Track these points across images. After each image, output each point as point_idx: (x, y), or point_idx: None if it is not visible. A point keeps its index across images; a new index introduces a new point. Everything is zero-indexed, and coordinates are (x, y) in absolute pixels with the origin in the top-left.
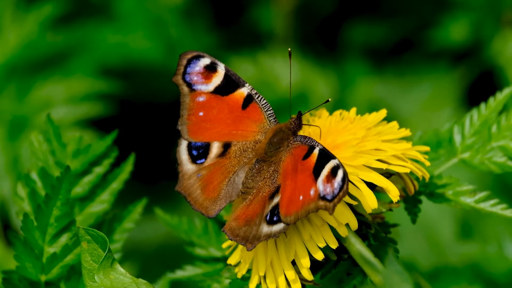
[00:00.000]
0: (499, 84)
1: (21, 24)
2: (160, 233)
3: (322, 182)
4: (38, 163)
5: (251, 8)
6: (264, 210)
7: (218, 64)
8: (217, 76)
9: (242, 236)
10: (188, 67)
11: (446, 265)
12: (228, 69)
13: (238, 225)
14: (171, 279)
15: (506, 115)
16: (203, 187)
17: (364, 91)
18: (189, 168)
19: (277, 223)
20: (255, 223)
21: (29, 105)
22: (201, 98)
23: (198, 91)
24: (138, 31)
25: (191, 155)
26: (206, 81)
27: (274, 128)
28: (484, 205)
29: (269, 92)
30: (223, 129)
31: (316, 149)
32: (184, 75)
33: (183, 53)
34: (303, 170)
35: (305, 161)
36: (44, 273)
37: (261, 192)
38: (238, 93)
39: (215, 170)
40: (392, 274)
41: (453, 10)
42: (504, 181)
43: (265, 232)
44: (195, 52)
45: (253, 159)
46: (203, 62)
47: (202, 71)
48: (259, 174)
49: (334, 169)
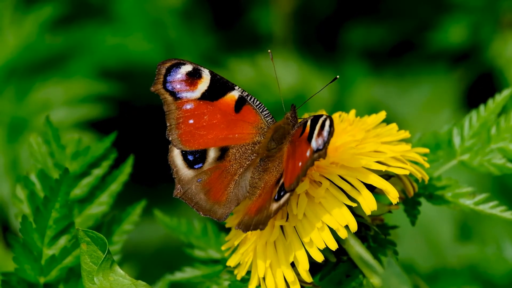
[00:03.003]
0: (498, 85)
1: (20, 26)
2: (159, 235)
3: (315, 140)
4: (37, 165)
5: (250, 10)
6: (272, 195)
7: (202, 70)
8: (203, 82)
9: (254, 224)
10: (168, 75)
11: (445, 266)
12: (214, 74)
13: (250, 217)
14: (170, 281)
15: (505, 117)
16: (206, 191)
17: (363, 93)
18: (187, 173)
19: (284, 195)
20: (266, 207)
21: (28, 107)
22: (189, 106)
23: (184, 99)
24: (137, 33)
25: (186, 160)
26: (191, 88)
27: (273, 127)
28: (484, 207)
29: (268, 94)
30: (218, 134)
31: (308, 121)
32: (165, 84)
33: (161, 62)
34: (300, 144)
35: (300, 137)
36: (43, 275)
37: (268, 184)
38: (229, 96)
39: (217, 173)
40: (391, 276)
41: (452, 12)
42: (503, 183)
43: (275, 208)
44: (175, 60)
45: (257, 158)
46: (184, 70)
47: (185, 79)
48: (266, 171)
49: (322, 123)
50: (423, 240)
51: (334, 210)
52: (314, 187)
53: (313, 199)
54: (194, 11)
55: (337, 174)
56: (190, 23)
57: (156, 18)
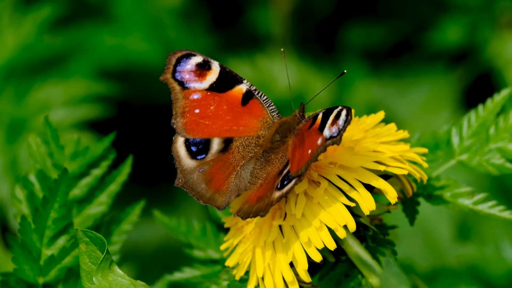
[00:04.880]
0: (497, 85)
1: (19, 26)
2: (159, 235)
3: (328, 129)
4: (36, 165)
5: (249, 10)
6: (274, 185)
7: (212, 62)
8: (212, 73)
9: (255, 211)
10: (178, 65)
11: (444, 266)
12: (223, 66)
13: (250, 205)
14: (169, 281)
15: (504, 117)
16: (208, 181)
17: (362, 93)
18: (190, 163)
19: (288, 184)
20: (267, 196)
21: (27, 107)
22: (196, 96)
23: (191, 89)
24: (136, 33)
25: (190, 151)
26: (200, 79)
27: (278, 121)
28: (482, 207)
29: (267, 94)
30: (223, 125)
31: (320, 114)
32: (174, 74)
33: (172, 52)
34: (309, 135)
35: (311, 128)
36: (42, 275)
37: (270, 175)
38: (237, 89)
39: (219, 164)
40: (390, 276)
41: (450, 12)
42: (502, 183)
43: (277, 195)
44: (185, 51)
45: (260, 151)
46: (194, 60)
47: (194, 69)
48: (267, 163)
49: (337, 113)
50: (422, 240)
51: (332, 210)
52: (312, 187)
53: (311, 199)
54: (193, 11)
55: (335, 174)
56: (189, 23)
57: (155, 18)
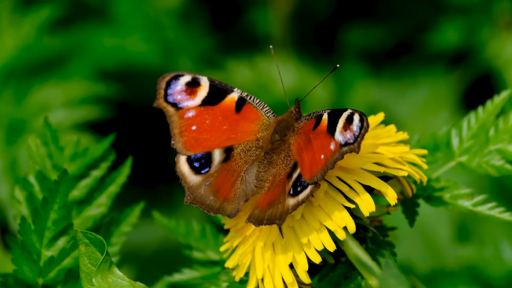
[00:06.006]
0: (497, 87)
1: (18, 27)
2: (158, 236)
3: (340, 133)
4: (35, 167)
5: (248, 11)
6: (286, 189)
7: (200, 78)
8: (202, 89)
9: (268, 218)
10: (169, 88)
11: (443, 268)
12: (212, 80)
13: (261, 210)
14: (169, 282)
15: (503, 118)
16: (215, 192)
17: (362, 94)
18: (195, 179)
19: (302, 191)
20: (279, 202)
21: (27, 108)
22: (190, 113)
23: (185, 107)
24: (135, 34)
25: (193, 168)
26: (191, 97)
27: (275, 120)
28: (482, 208)
29: (266, 95)
30: (221, 135)
31: (325, 114)
32: (166, 97)
33: (160, 77)
34: (317, 137)
35: (316, 129)
36: (41, 276)
37: (277, 177)
38: (229, 99)
39: (224, 174)
40: (389, 277)
41: (449, 14)
42: (501, 184)
43: (292, 203)
44: (173, 73)
45: (261, 153)
46: (183, 80)
47: (184, 89)
48: (271, 164)
49: (348, 117)
50: (422, 242)
51: (332, 212)
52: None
53: (311, 201)
54: (192, 13)
55: (335, 176)
56: (188, 24)
57: (154, 20)
